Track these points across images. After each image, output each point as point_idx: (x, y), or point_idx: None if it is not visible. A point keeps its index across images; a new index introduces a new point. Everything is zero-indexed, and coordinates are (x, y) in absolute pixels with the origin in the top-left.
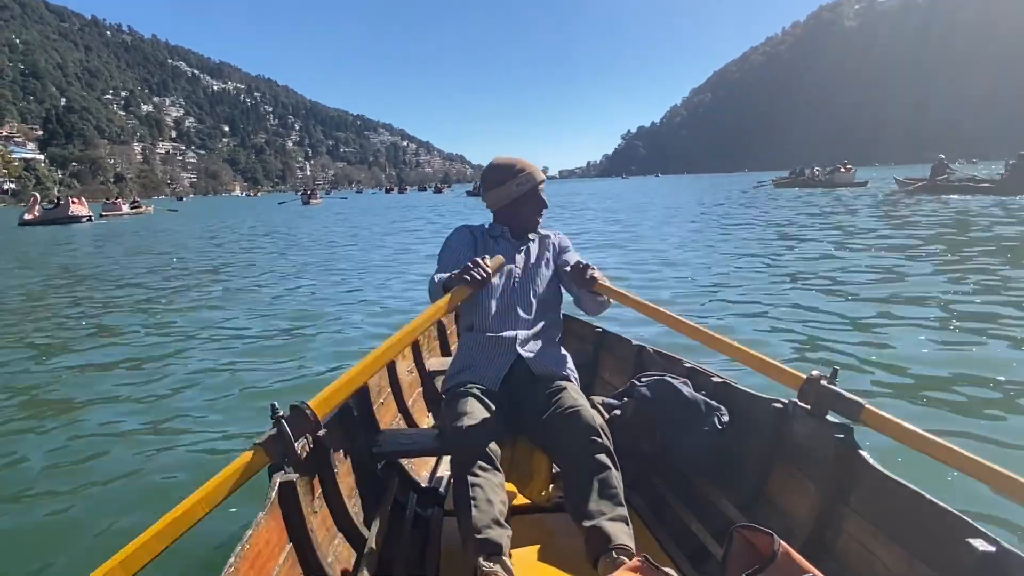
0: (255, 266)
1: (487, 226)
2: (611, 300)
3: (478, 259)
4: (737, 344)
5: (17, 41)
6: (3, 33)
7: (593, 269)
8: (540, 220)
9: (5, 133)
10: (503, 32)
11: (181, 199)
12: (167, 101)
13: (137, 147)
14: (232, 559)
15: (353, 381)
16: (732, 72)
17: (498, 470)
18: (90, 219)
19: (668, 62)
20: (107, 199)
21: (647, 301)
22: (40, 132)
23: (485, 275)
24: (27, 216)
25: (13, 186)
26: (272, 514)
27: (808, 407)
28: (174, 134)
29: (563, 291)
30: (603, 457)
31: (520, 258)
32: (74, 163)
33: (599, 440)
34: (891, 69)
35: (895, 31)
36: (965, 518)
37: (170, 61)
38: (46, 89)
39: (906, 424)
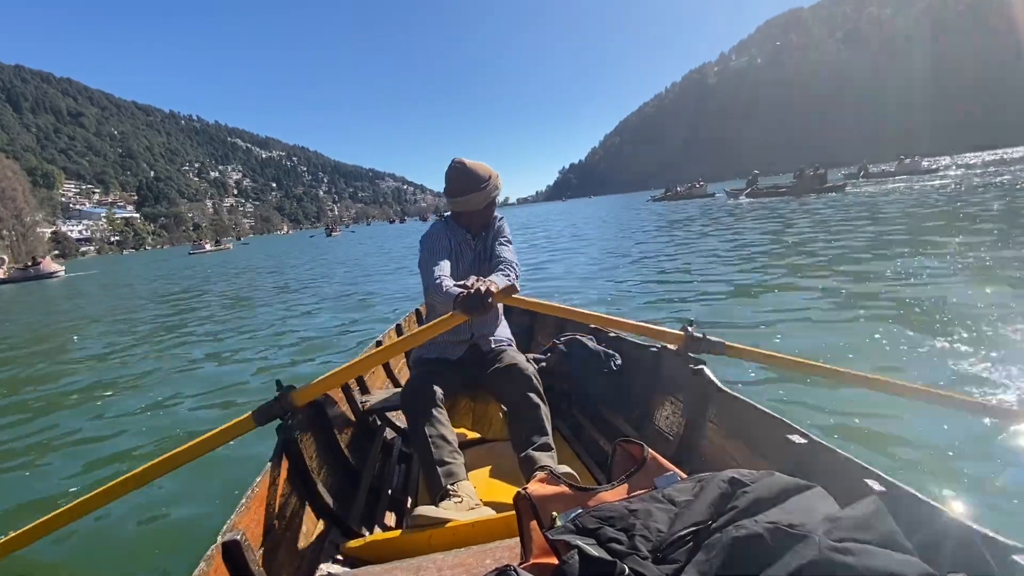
0: (305, 265)
1: (449, 225)
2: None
3: (483, 287)
4: (623, 320)
5: (116, 132)
6: (105, 127)
7: (511, 280)
8: (480, 226)
9: (110, 199)
10: (469, 87)
11: (240, 238)
12: (229, 168)
13: (208, 203)
14: (243, 500)
15: (344, 374)
16: (632, 119)
17: (442, 409)
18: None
19: (587, 112)
20: (193, 242)
21: (548, 302)
22: (135, 196)
23: (490, 304)
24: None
25: (117, 238)
26: (278, 462)
27: (675, 349)
28: (235, 191)
29: None
30: (535, 397)
31: (479, 250)
32: (162, 218)
33: (531, 384)
34: (738, 112)
35: (741, 85)
36: (786, 420)
37: (229, 139)
38: (139, 165)
39: (759, 349)
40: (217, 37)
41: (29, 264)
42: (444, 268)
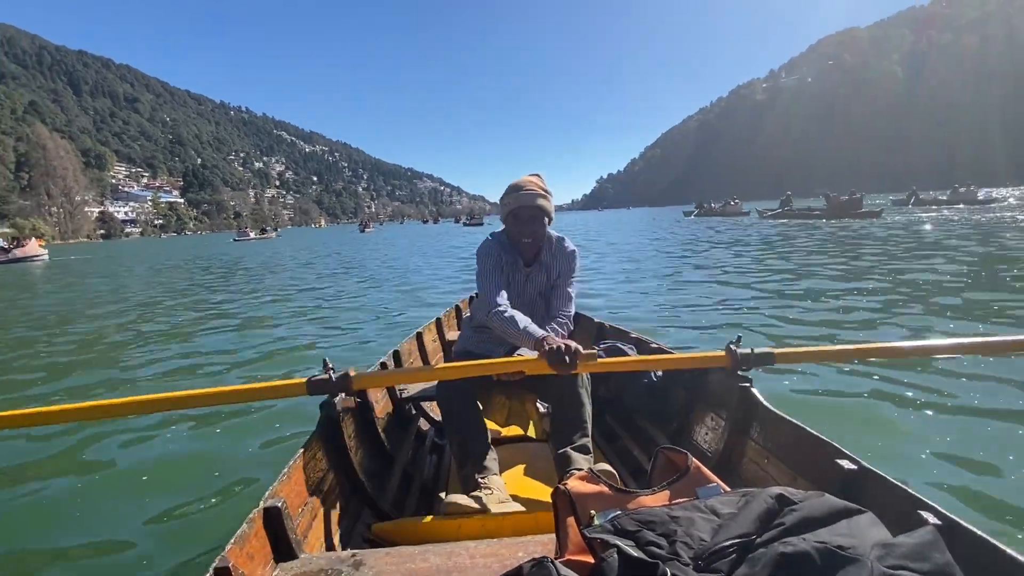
0: (340, 254)
1: (501, 243)
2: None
3: (573, 347)
4: (672, 354)
5: (168, 119)
6: (159, 114)
7: (577, 346)
8: (527, 241)
9: (157, 183)
10: (511, 95)
11: (276, 229)
12: (273, 160)
13: (251, 193)
14: (285, 471)
15: (394, 378)
16: (674, 132)
17: (477, 407)
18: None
19: (624, 125)
20: (238, 229)
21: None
22: (181, 182)
23: (571, 367)
24: None
25: (161, 222)
26: (319, 438)
27: (720, 365)
28: (277, 183)
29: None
30: (583, 394)
31: (529, 282)
32: (205, 204)
33: (581, 379)
34: (785, 130)
35: (791, 101)
36: (835, 444)
37: (275, 131)
38: (187, 152)
39: (810, 348)
40: (271, 32)
41: (12, 245)
42: (504, 296)
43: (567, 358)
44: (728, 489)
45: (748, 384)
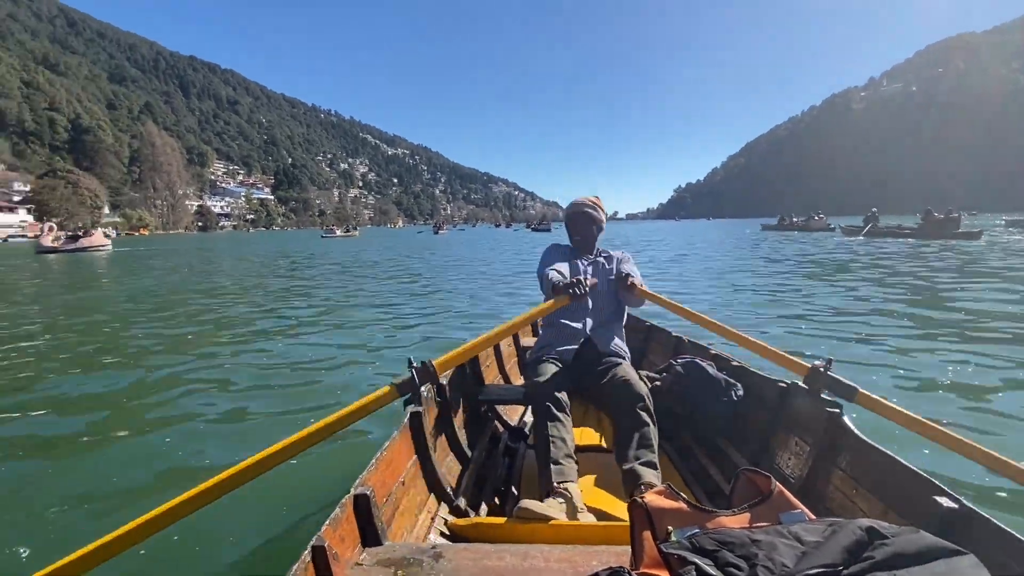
0: (423, 253)
1: (563, 247)
2: (646, 301)
3: (582, 278)
4: (752, 339)
5: (264, 121)
6: (256, 116)
7: (633, 278)
8: (581, 241)
9: (251, 181)
10: (587, 105)
11: (357, 228)
12: (357, 161)
13: (335, 192)
14: (373, 461)
15: (468, 351)
16: (761, 142)
17: (568, 415)
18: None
19: (707, 133)
20: (323, 227)
21: (677, 303)
22: (272, 180)
23: (585, 291)
24: (44, 243)
25: (252, 217)
26: (404, 433)
27: (807, 388)
28: (360, 184)
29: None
30: (645, 415)
31: (590, 269)
32: (292, 201)
33: (643, 402)
34: (880, 141)
35: (890, 113)
36: (933, 480)
37: (360, 134)
38: (279, 152)
39: (894, 405)
40: (362, 41)
41: (80, 233)
42: (556, 267)
43: (578, 282)
44: (813, 517)
45: (838, 411)
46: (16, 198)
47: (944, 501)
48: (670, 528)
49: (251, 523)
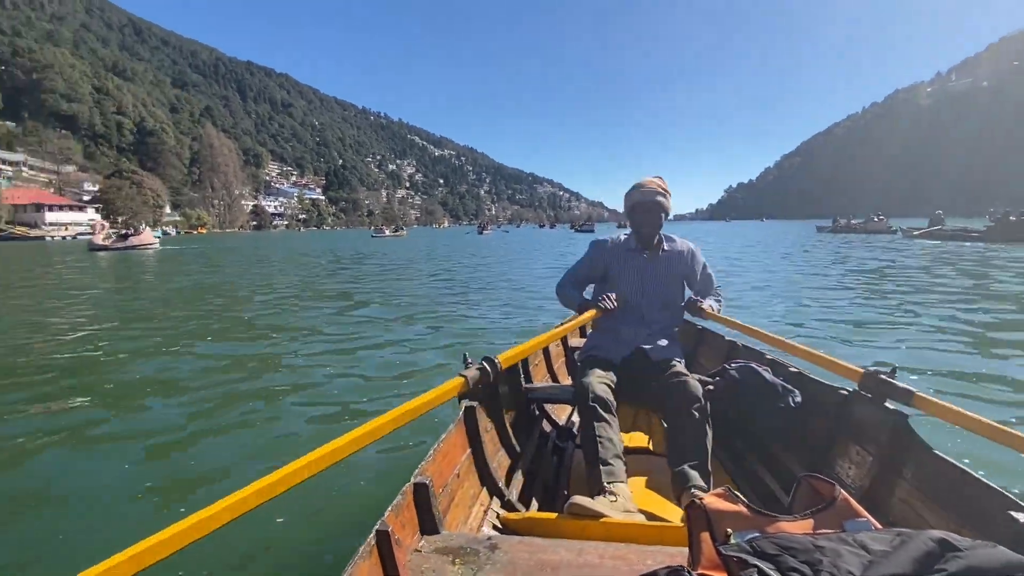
0: (470, 249)
1: (624, 238)
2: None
3: (609, 296)
4: (800, 345)
5: (316, 123)
6: (309, 118)
7: (701, 302)
8: (649, 231)
9: (304, 181)
10: (640, 103)
11: (404, 228)
12: (404, 162)
13: (383, 193)
14: (431, 452)
15: (525, 351)
16: (817, 140)
17: (614, 416)
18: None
19: (760, 131)
20: (372, 226)
21: (737, 320)
22: (323, 181)
23: (612, 307)
24: (96, 241)
25: (304, 217)
26: (459, 427)
27: (869, 395)
28: (408, 184)
29: (685, 290)
30: (699, 417)
31: (650, 268)
32: (343, 202)
33: (699, 403)
34: (946, 140)
35: (959, 110)
36: (1008, 494)
37: (408, 136)
38: (331, 153)
39: (953, 406)
40: (410, 45)
41: (130, 232)
42: (575, 282)
43: (603, 306)
44: (880, 526)
45: (904, 419)
46: (86, 197)
47: (1021, 517)
48: (729, 531)
49: (305, 508)
